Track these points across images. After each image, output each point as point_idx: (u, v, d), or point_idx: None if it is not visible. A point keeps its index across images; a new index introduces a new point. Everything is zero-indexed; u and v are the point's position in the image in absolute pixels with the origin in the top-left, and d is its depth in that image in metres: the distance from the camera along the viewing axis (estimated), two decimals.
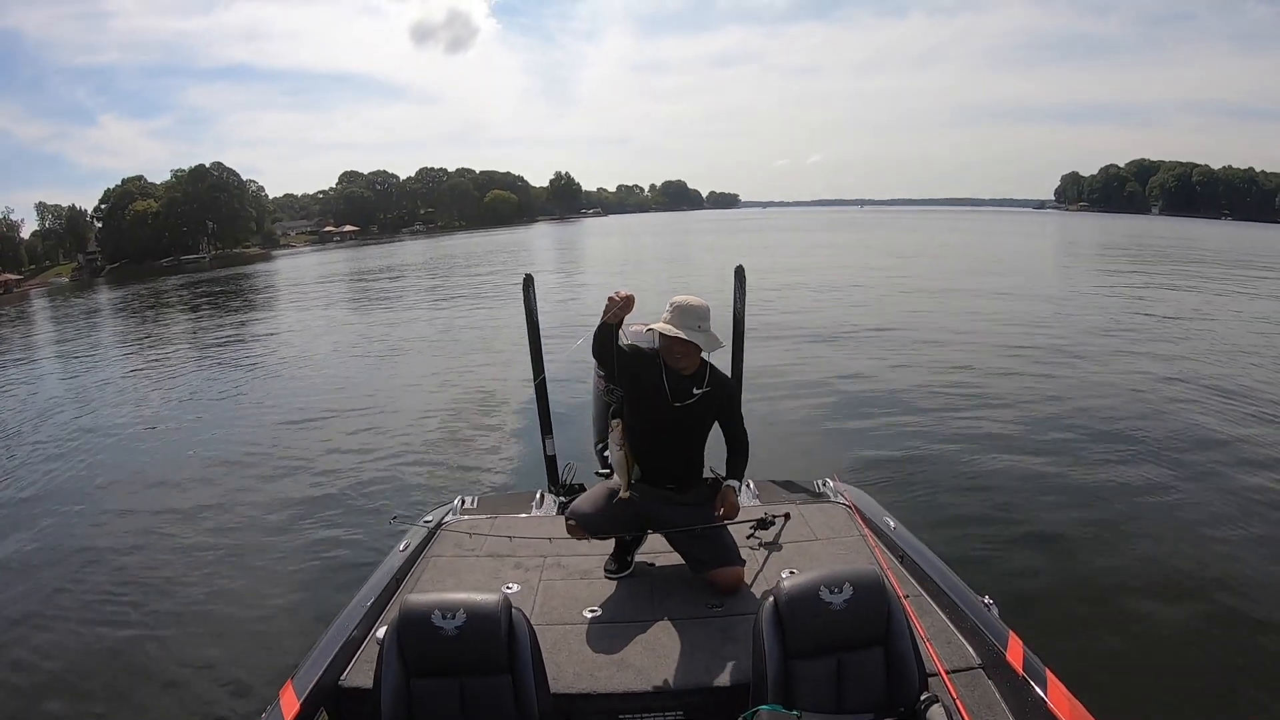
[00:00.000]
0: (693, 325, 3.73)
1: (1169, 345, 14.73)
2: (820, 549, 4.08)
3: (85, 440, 11.77)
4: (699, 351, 3.81)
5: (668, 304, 3.80)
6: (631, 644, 3.31)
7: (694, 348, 3.76)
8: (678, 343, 3.73)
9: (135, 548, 7.36)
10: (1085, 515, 6.94)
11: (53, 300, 56.53)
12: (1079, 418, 9.80)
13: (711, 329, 3.81)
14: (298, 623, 5.57)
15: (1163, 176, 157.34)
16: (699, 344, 3.74)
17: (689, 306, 3.76)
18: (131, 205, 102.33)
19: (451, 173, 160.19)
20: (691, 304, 3.77)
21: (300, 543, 7.15)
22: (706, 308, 3.79)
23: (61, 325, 34.52)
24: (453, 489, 7.45)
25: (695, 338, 3.71)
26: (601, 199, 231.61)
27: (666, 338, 3.74)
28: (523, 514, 4.83)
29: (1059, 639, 4.60)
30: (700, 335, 3.73)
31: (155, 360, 19.87)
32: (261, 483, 8.90)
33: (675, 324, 3.72)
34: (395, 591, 3.77)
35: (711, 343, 3.79)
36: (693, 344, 3.73)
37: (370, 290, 36.04)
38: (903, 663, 2.61)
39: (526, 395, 6.16)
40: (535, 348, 5.31)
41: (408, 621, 2.57)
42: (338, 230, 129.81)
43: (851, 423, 10.04)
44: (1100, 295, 22.58)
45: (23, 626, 5.98)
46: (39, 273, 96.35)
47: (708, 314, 3.79)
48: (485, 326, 20.95)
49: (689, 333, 3.71)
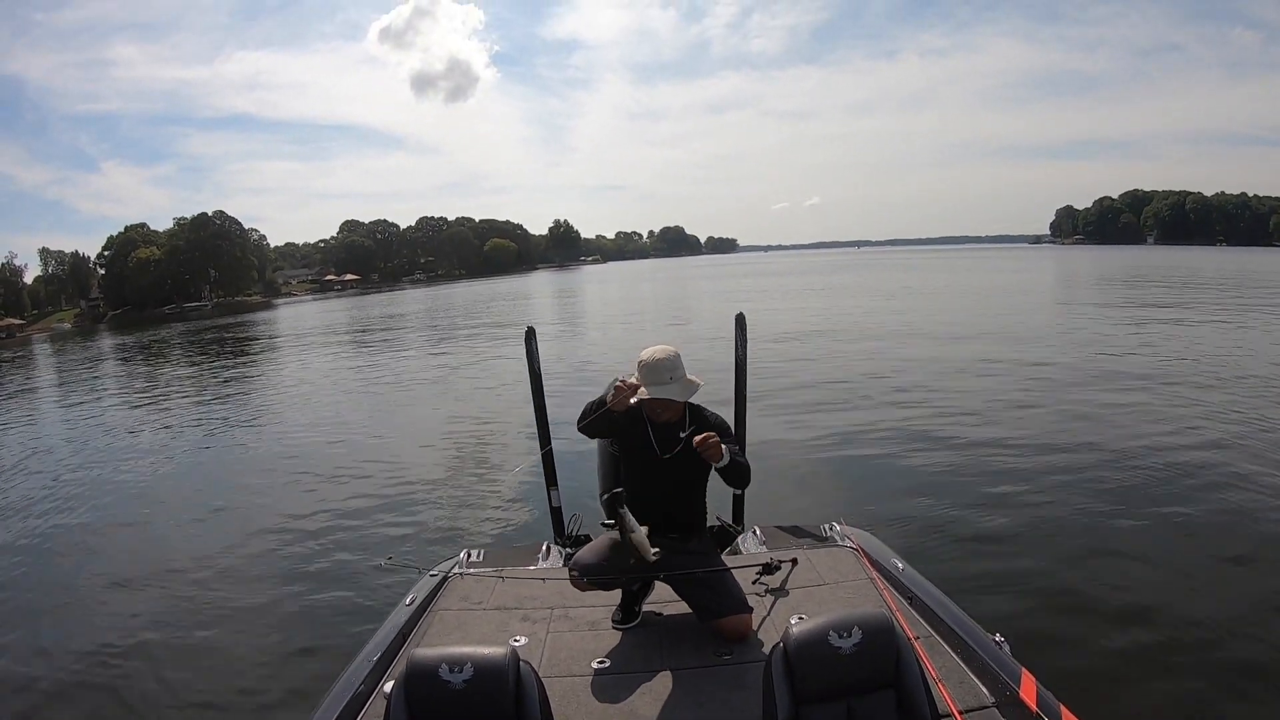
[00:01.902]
0: (663, 379, 3.74)
1: (1177, 376, 14.62)
2: (828, 593, 4.06)
3: (82, 487, 11.80)
4: (678, 401, 3.83)
5: (636, 362, 3.81)
6: (640, 694, 3.29)
7: (670, 400, 3.78)
8: (654, 400, 3.76)
9: (131, 596, 7.32)
10: (1097, 551, 6.89)
11: (55, 345, 56.87)
12: (1086, 453, 9.73)
13: (685, 372, 3.81)
14: (302, 676, 5.52)
15: (1157, 206, 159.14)
16: (672, 397, 3.76)
17: (654, 362, 3.76)
18: (134, 252, 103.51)
19: (451, 221, 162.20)
20: (657, 357, 3.77)
21: (304, 595, 7.09)
22: (672, 357, 3.78)
23: (64, 371, 34.68)
24: (458, 540, 7.43)
25: (666, 392, 3.73)
26: (600, 246, 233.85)
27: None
28: (529, 566, 4.80)
29: (1074, 676, 4.58)
30: (671, 388, 3.74)
31: (158, 407, 19.92)
32: (263, 535, 8.85)
33: (645, 381, 3.73)
34: (402, 645, 3.75)
35: (685, 391, 3.80)
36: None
37: (372, 339, 36.22)
38: (914, 704, 2.58)
39: (530, 444, 6.16)
40: (540, 409, 5.36)
41: (415, 676, 2.54)
42: (339, 279, 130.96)
43: (857, 466, 10.00)
44: (1100, 330, 22.53)
45: (13, 670, 5.97)
46: (42, 318, 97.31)
47: (676, 362, 3.79)
48: (487, 374, 21.00)
49: (660, 389, 3.72)
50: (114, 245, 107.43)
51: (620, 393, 3.63)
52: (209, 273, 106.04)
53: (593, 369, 18.52)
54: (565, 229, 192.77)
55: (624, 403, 3.65)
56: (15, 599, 7.65)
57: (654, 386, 3.71)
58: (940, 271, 71.61)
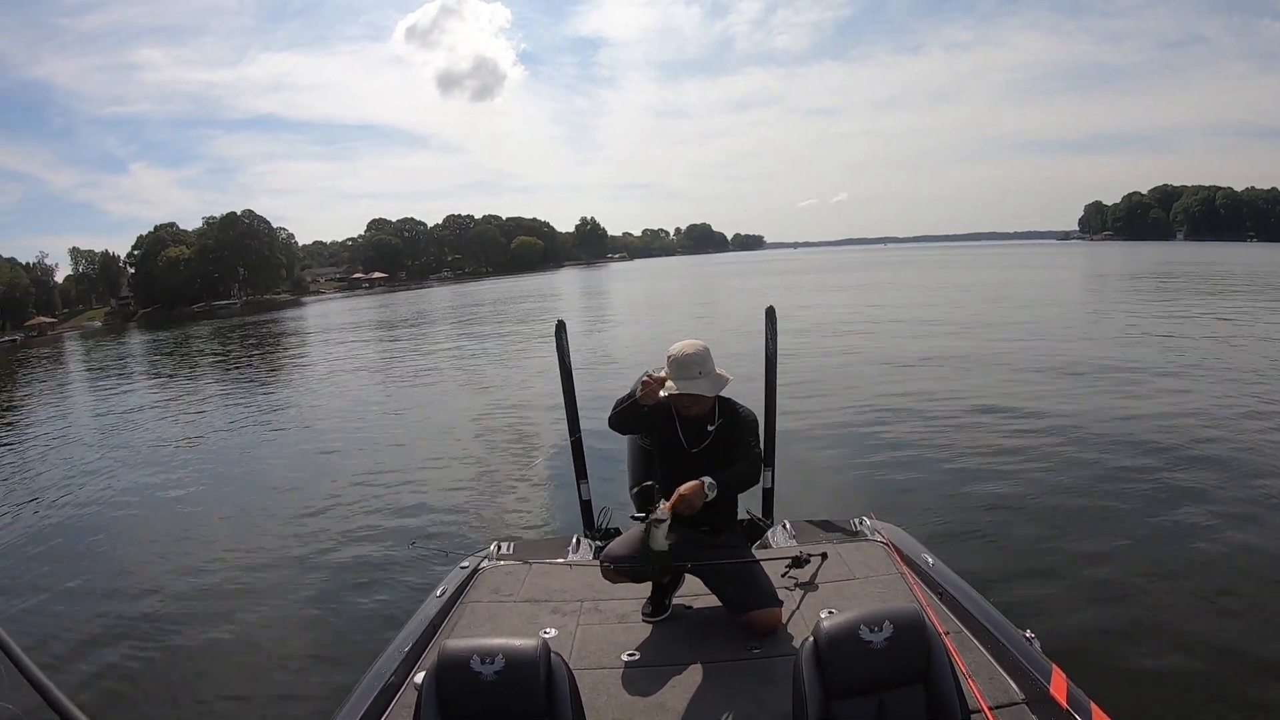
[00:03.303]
0: (692, 374, 3.73)
1: (1216, 373, 14.42)
2: (858, 588, 4.04)
3: (117, 480, 12.07)
4: (708, 396, 3.82)
5: (666, 356, 3.81)
6: (670, 687, 3.29)
7: (699, 395, 3.78)
8: (683, 395, 3.76)
9: (164, 587, 7.44)
10: (1129, 546, 6.81)
11: (86, 343, 57.63)
12: (1124, 452, 9.57)
13: (714, 367, 3.80)
14: (333, 667, 5.57)
15: (1186, 201, 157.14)
16: (701, 392, 3.75)
17: (684, 357, 3.74)
18: (164, 251, 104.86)
19: (478, 220, 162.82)
20: (686, 353, 3.75)
21: (335, 586, 7.17)
22: (701, 352, 3.77)
23: (94, 369, 35.22)
24: (488, 533, 7.47)
25: (696, 387, 3.72)
26: (627, 243, 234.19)
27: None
28: (559, 559, 4.81)
29: (1104, 672, 4.53)
30: (700, 382, 3.73)
31: (190, 402, 20.28)
32: (295, 526, 8.97)
33: (674, 376, 3.73)
34: (433, 637, 3.76)
35: (714, 386, 3.79)
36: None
37: (401, 335, 36.51)
38: (945, 700, 2.57)
39: (560, 438, 6.18)
40: (570, 399, 5.35)
41: (446, 667, 2.54)
42: (366, 277, 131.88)
43: (887, 461, 9.94)
44: (1135, 326, 22.17)
45: (50, 658, 6.05)
46: (72, 316, 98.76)
47: (705, 356, 3.78)
48: (517, 369, 21.11)
49: (689, 384, 3.72)
50: (144, 244, 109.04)
51: (648, 386, 3.64)
52: (238, 271, 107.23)
53: (621, 363, 18.60)
54: (592, 226, 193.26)
55: (652, 395, 3.65)
56: (55, 582, 7.83)
57: (683, 381, 3.71)
58: (972, 268, 70.81)
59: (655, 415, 3.86)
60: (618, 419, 3.82)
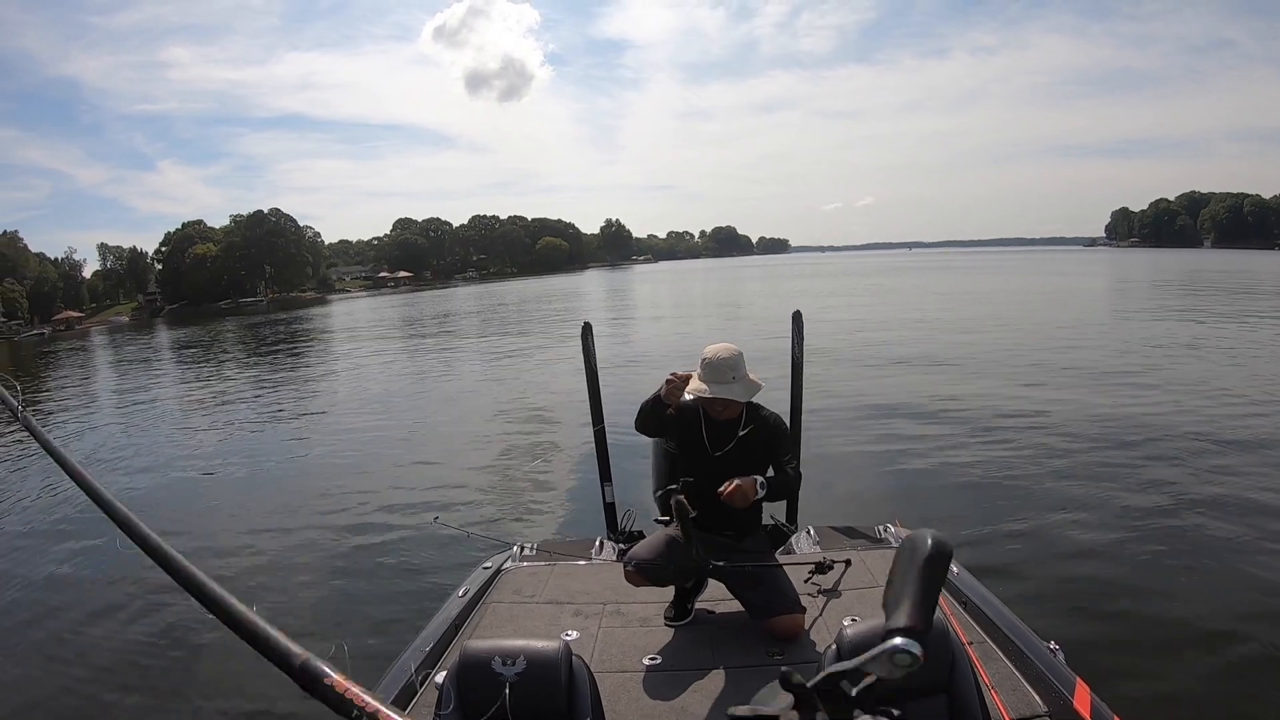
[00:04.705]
0: (725, 379, 3.72)
1: (1248, 383, 14.07)
2: (881, 595, 4.00)
3: (141, 474, 12.19)
4: (740, 401, 3.81)
5: (700, 359, 3.80)
6: (691, 692, 3.28)
7: (731, 400, 3.76)
8: (715, 399, 3.75)
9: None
10: (1156, 558, 6.70)
11: (113, 338, 58.25)
12: (1157, 464, 9.39)
13: (747, 372, 3.80)
14: (353, 665, 5.57)
15: (1214, 208, 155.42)
16: (734, 397, 3.73)
17: (718, 361, 3.73)
18: (191, 248, 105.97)
19: (504, 220, 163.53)
20: (720, 357, 3.74)
21: (357, 584, 7.20)
22: (735, 357, 3.76)
23: (122, 364, 35.71)
24: (512, 534, 7.48)
25: (728, 391, 3.71)
26: (652, 245, 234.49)
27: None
28: (582, 560, 4.82)
29: (1128, 685, 4.48)
30: (733, 387, 3.72)
31: (216, 398, 20.46)
32: (317, 520, 9.03)
33: (707, 380, 3.72)
34: (454, 636, 3.78)
35: (747, 391, 3.78)
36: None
37: (427, 334, 36.69)
38: (968, 711, 2.54)
39: (584, 440, 6.16)
40: (594, 396, 5.35)
41: (467, 667, 2.54)
42: (392, 276, 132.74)
43: (912, 468, 9.84)
44: (1164, 332, 21.90)
45: (62, 652, 6.15)
46: (100, 311, 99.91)
47: (739, 361, 3.77)
48: (542, 370, 21.05)
49: (721, 388, 3.70)
50: (171, 241, 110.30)
51: (672, 384, 3.64)
52: (264, 269, 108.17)
53: (647, 365, 18.43)
54: (617, 228, 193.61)
55: (676, 394, 3.64)
56: (84, 571, 7.93)
57: (716, 385, 3.70)
58: (1001, 274, 70.19)
59: (682, 416, 3.87)
60: (643, 420, 3.84)
